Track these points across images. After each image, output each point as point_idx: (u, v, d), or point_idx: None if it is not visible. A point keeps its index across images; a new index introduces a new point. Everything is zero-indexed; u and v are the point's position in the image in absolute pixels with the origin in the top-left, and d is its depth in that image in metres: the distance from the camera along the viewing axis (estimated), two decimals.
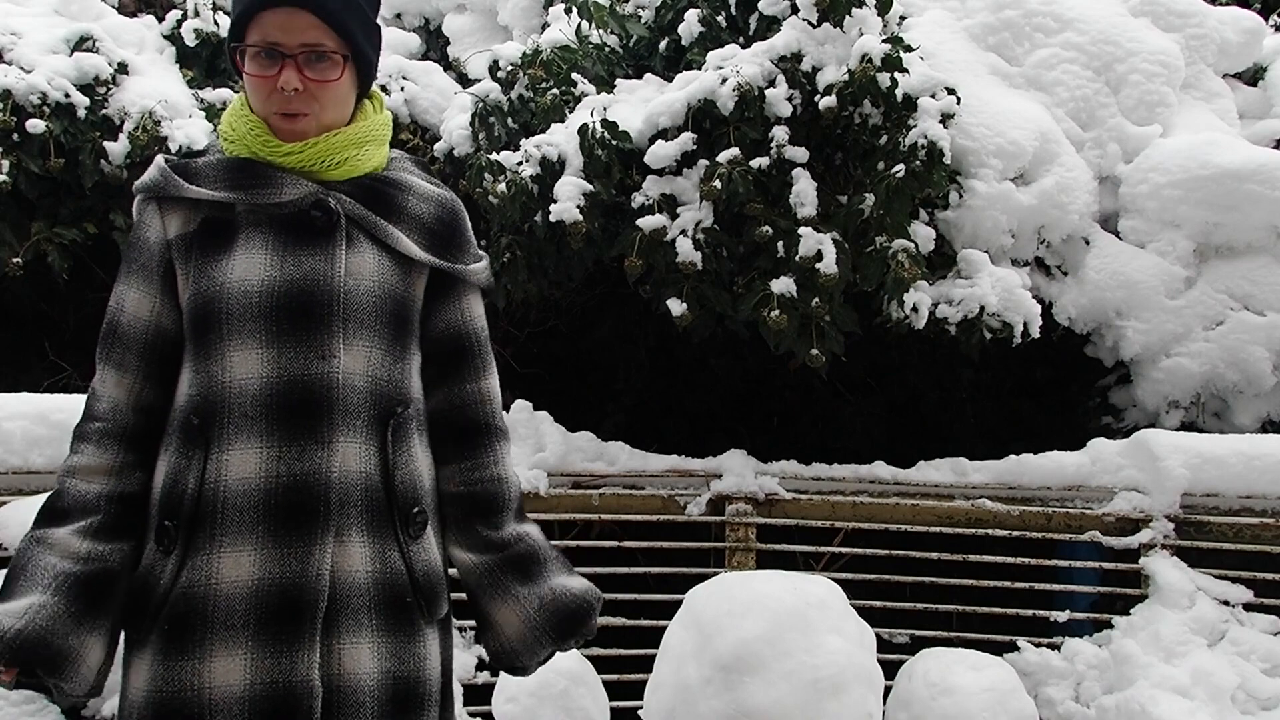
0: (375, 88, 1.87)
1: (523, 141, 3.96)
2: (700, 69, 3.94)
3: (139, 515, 1.69)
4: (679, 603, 3.01)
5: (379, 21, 1.83)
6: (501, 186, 3.81)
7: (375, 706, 1.64)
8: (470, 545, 1.81)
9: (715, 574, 3.26)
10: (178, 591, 1.61)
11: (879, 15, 3.95)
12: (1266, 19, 5.26)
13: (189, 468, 1.63)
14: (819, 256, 3.60)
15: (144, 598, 1.64)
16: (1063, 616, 3.75)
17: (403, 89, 4.56)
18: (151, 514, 1.67)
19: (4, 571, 1.63)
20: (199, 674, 1.58)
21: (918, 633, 3.71)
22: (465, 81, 4.75)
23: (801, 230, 3.65)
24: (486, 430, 1.83)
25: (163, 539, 1.63)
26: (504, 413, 1.90)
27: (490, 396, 1.85)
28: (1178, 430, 4.09)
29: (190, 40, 4.65)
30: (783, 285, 3.63)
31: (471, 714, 3.28)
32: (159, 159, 1.75)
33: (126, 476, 1.68)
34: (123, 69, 4.34)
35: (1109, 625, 3.68)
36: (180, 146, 4.09)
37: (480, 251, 1.90)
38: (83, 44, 4.32)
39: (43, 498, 1.70)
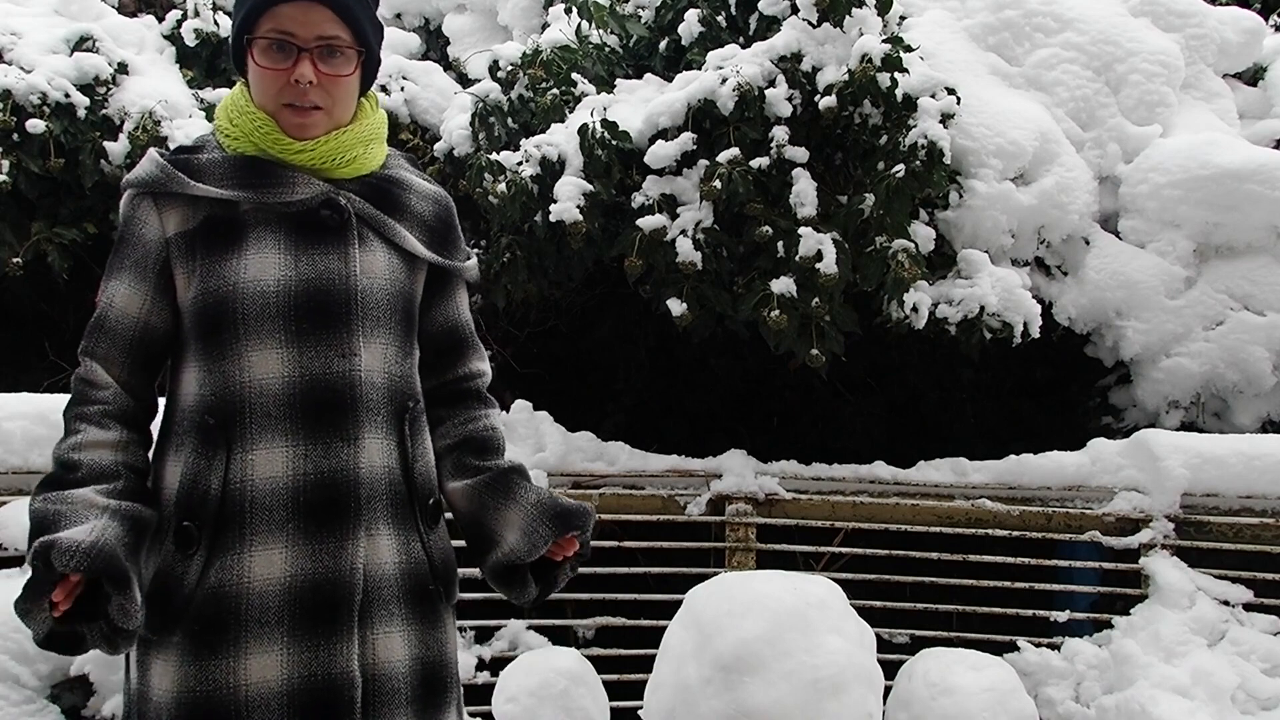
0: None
1: (523, 141, 3.96)
2: (700, 69, 3.94)
3: (148, 490, 1.69)
4: (679, 603, 3.01)
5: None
6: (501, 186, 3.81)
7: (408, 691, 1.69)
8: (467, 473, 1.83)
9: (715, 574, 3.26)
10: (205, 592, 1.62)
11: (879, 15, 3.95)
12: (1266, 19, 5.26)
13: (210, 468, 1.63)
14: (819, 256, 3.60)
15: (165, 599, 1.63)
16: (1063, 616, 3.74)
17: (403, 89, 4.56)
18: (165, 514, 1.67)
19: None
20: (234, 672, 1.60)
21: (918, 633, 3.71)
22: (465, 81, 4.75)
23: (801, 230, 3.64)
24: (477, 396, 1.92)
25: (183, 540, 1.63)
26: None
27: (479, 373, 1.93)
28: (1178, 430, 4.09)
29: (190, 40, 4.65)
30: (783, 285, 3.63)
31: (471, 714, 3.28)
32: (152, 153, 1.73)
33: (133, 452, 1.69)
34: (123, 69, 4.34)
35: (1109, 625, 3.67)
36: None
37: (468, 248, 1.94)
38: (83, 44, 4.32)
39: None
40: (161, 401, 1.78)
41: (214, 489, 1.63)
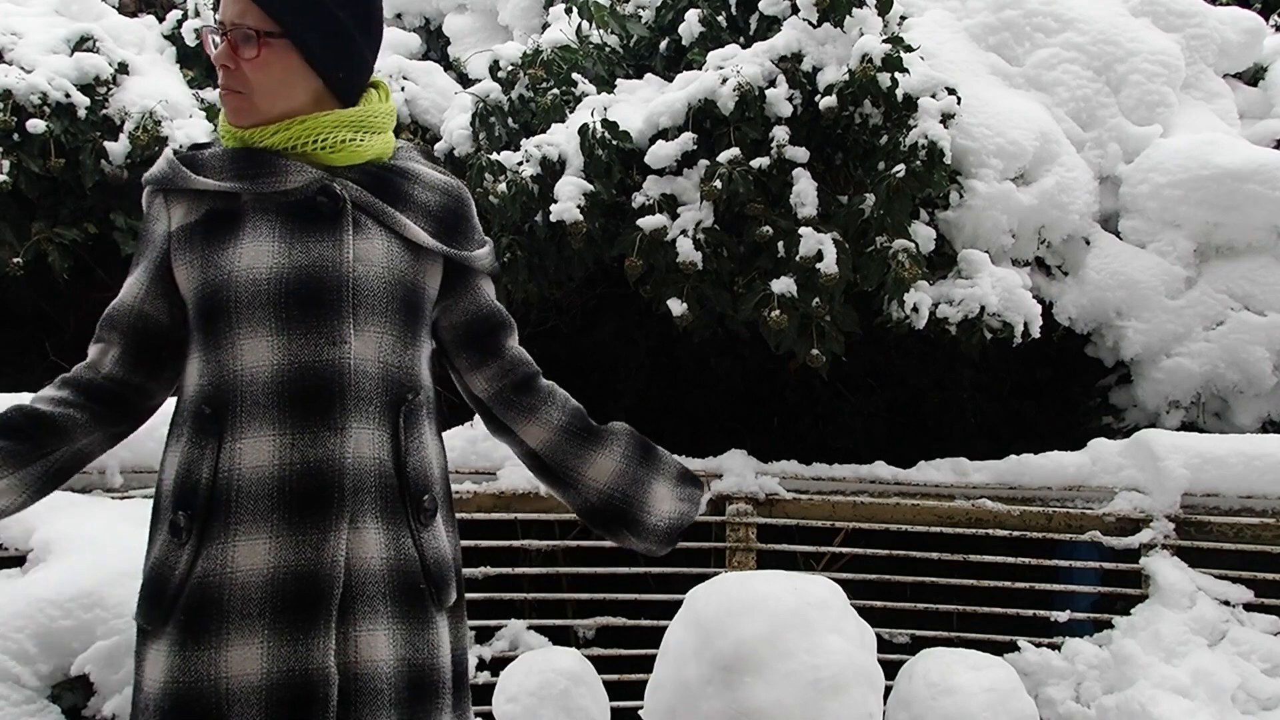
0: (384, 79, 1.90)
1: (523, 141, 3.96)
2: (701, 69, 3.94)
3: (61, 439, 1.70)
4: (679, 603, 3.01)
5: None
6: (502, 186, 3.81)
7: (392, 693, 1.64)
8: (590, 440, 1.95)
9: (715, 574, 3.25)
10: (193, 582, 1.62)
11: (879, 15, 3.95)
12: (1267, 19, 5.26)
13: (202, 458, 1.64)
14: (819, 256, 3.60)
15: (160, 589, 1.64)
16: (1063, 616, 3.74)
17: (403, 89, 4.56)
18: (163, 505, 1.68)
19: None
20: (215, 664, 1.59)
21: (918, 633, 3.70)
22: (465, 81, 4.75)
23: (802, 230, 3.64)
24: (538, 375, 1.98)
25: (177, 530, 1.64)
26: None
27: (524, 355, 2.00)
28: (1178, 430, 4.09)
29: (190, 40, 4.65)
30: (783, 285, 3.63)
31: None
32: (168, 150, 1.79)
33: (73, 409, 1.72)
34: (123, 69, 4.34)
35: (1109, 625, 3.67)
36: (181, 146, 4.08)
37: (485, 237, 1.93)
38: (83, 44, 4.32)
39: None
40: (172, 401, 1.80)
41: (204, 478, 1.63)
